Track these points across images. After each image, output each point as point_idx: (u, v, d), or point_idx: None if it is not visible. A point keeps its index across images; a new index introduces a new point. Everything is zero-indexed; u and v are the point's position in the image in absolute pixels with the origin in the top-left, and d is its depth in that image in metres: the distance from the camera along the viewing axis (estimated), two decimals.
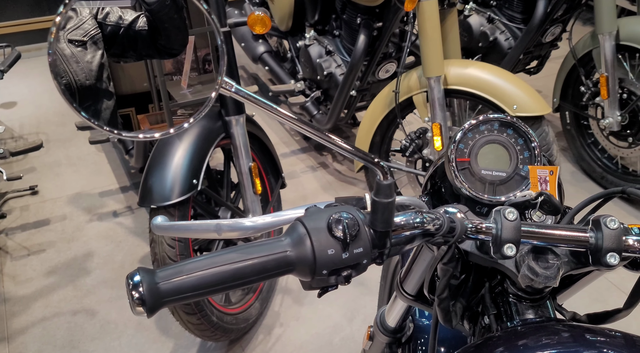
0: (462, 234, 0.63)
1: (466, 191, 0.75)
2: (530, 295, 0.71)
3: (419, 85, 1.96)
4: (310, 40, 2.44)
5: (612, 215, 0.64)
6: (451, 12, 2.03)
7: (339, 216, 0.50)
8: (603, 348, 0.64)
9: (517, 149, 0.75)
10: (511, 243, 0.63)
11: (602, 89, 2.20)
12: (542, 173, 0.74)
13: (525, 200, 0.70)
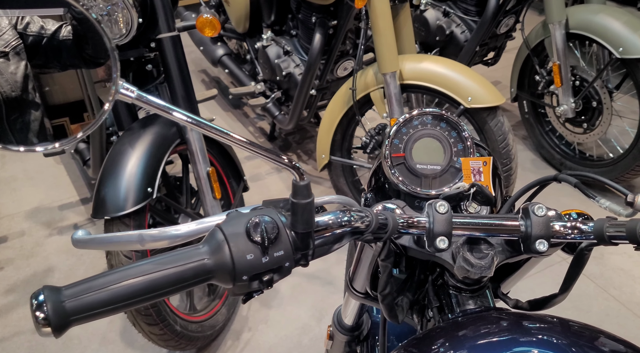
0: (394, 230, 0.63)
1: (401, 186, 0.75)
2: (469, 286, 0.72)
3: (375, 82, 1.97)
4: (268, 41, 2.43)
5: (540, 203, 0.65)
6: (404, 7, 2.04)
7: (258, 220, 0.49)
8: (538, 334, 0.65)
9: (451, 141, 0.76)
10: (443, 236, 0.63)
11: (556, 77, 2.25)
12: (475, 164, 0.74)
13: (459, 192, 0.71)
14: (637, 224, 0.59)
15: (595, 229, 0.62)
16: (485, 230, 0.65)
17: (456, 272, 0.68)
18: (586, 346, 0.63)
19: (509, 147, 1.87)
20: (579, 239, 0.64)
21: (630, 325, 1.78)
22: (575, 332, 0.67)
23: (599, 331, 0.66)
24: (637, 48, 2.00)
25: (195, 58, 3.44)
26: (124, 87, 0.49)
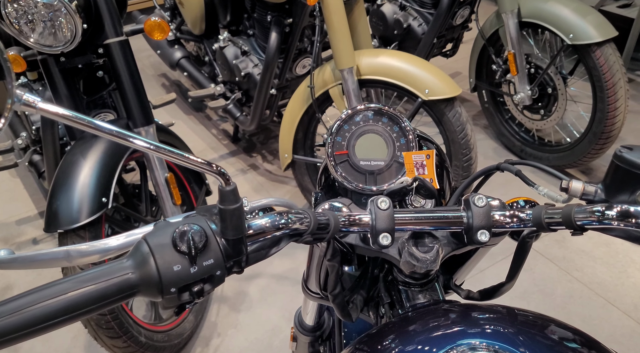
0: (336, 230, 0.63)
1: (346, 184, 0.74)
2: (418, 281, 0.72)
3: (333, 78, 1.96)
4: (225, 41, 2.40)
5: (481, 194, 0.65)
6: (357, 2, 2.03)
7: (184, 229, 0.48)
8: (486, 324, 0.65)
9: (394, 136, 0.76)
10: (386, 233, 0.63)
11: (511, 66, 2.28)
12: (418, 158, 0.74)
13: (403, 186, 0.71)
14: (572, 210, 0.60)
15: (534, 217, 0.63)
16: (428, 224, 0.65)
17: (402, 267, 0.68)
18: (533, 334, 0.63)
19: (468, 137, 1.89)
20: (519, 227, 0.64)
21: (592, 304, 1.82)
22: (522, 320, 0.67)
23: (547, 319, 0.67)
24: (586, 34, 2.05)
25: (155, 62, 3.38)
26: (24, 100, 0.46)
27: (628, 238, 0.59)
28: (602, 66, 2.04)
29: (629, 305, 1.81)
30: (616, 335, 1.71)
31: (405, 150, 0.75)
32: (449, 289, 0.82)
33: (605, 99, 2.07)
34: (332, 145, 0.74)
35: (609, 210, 0.58)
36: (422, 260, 0.66)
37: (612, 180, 0.59)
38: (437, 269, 0.73)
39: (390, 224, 0.63)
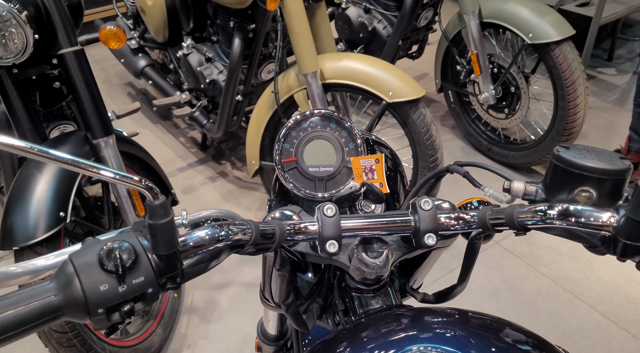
0: (282, 239, 0.62)
1: (295, 191, 0.74)
2: (370, 286, 0.71)
3: (298, 83, 1.95)
4: (189, 49, 2.37)
5: (427, 197, 0.64)
6: (319, 6, 2.03)
7: (112, 247, 0.46)
8: (436, 328, 0.64)
9: (342, 141, 0.75)
10: (333, 240, 0.62)
11: (475, 66, 2.31)
12: (366, 163, 0.74)
13: (351, 192, 0.70)
14: (514, 210, 0.60)
15: (479, 218, 0.63)
16: (377, 229, 0.65)
17: (352, 274, 0.67)
18: (484, 336, 0.63)
19: (433, 137, 1.91)
20: (466, 229, 0.64)
21: (560, 299, 1.85)
22: (474, 323, 0.67)
23: (499, 321, 0.67)
24: (545, 33, 2.09)
25: (120, 71, 3.33)
26: None
27: (569, 237, 0.59)
28: (562, 64, 2.08)
29: (594, 298, 1.84)
30: (583, 329, 1.74)
31: (354, 155, 0.75)
32: (405, 293, 0.82)
33: (565, 97, 2.11)
34: (279, 152, 0.73)
35: (550, 210, 0.58)
36: (372, 266, 0.65)
37: (552, 180, 0.60)
38: (389, 274, 0.73)
39: (336, 231, 0.62)
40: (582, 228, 0.57)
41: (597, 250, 0.58)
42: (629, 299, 1.83)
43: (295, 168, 0.74)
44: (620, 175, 0.56)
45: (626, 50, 3.33)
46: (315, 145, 0.75)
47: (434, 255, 0.79)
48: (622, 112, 2.77)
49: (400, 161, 0.92)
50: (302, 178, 0.74)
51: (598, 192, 0.57)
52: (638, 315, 1.78)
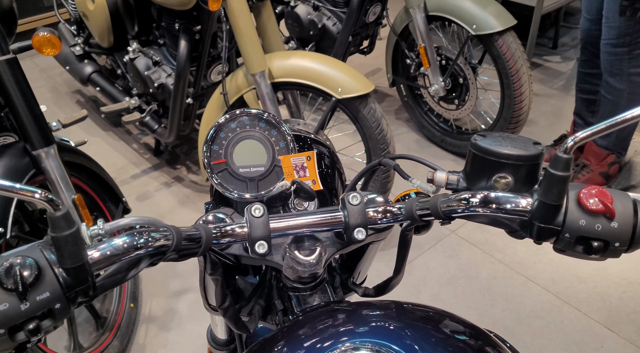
0: (209, 243, 0.61)
1: (226, 193, 0.73)
2: (306, 284, 0.71)
3: (246, 83, 1.94)
4: (135, 53, 2.32)
5: (356, 192, 0.64)
6: (264, 5, 2.02)
7: (11, 263, 0.44)
8: (372, 322, 0.65)
9: (272, 140, 0.74)
10: (262, 240, 0.62)
11: (423, 59, 2.34)
12: (297, 161, 0.73)
13: (282, 191, 0.70)
14: (438, 200, 0.61)
15: (406, 210, 0.63)
16: (308, 227, 0.64)
17: (286, 273, 0.67)
18: (420, 328, 0.64)
19: (384, 132, 1.92)
20: (395, 221, 0.65)
21: (515, 283, 1.89)
22: (410, 315, 0.67)
23: (436, 312, 0.67)
24: (488, 24, 2.13)
25: (68, 78, 3.22)
26: None
27: (491, 223, 0.61)
28: (505, 54, 2.13)
29: (547, 280, 1.89)
30: (537, 310, 1.79)
31: (285, 154, 0.74)
32: (347, 288, 0.82)
33: (511, 85, 2.17)
34: (208, 154, 0.72)
35: (473, 198, 0.59)
36: (305, 264, 0.65)
37: (471, 168, 0.61)
38: (325, 271, 0.73)
39: (265, 231, 0.62)
40: (502, 214, 0.58)
41: (517, 235, 0.59)
42: (579, 279, 1.89)
43: (226, 169, 0.73)
44: (534, 160, 0.57)
45: (570, 38, 3.44)
46: (245, 145, 0.74)
47: (372, 249, 0.79)
48: (567, 98, 2.85)
49: (338, 158, 0.92)
50: (233, 179, 0.73)
51: (515, 178, 0.58)
52: (588, 293, 1.84)
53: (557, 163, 0.53)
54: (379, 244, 0.79)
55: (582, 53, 2.23)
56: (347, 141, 2.43)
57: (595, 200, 0.52)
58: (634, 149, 2.30)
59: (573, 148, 0.52)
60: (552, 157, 0.54)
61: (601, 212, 0.51)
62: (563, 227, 0.53)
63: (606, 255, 0.53)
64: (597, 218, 0.52)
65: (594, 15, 2.05)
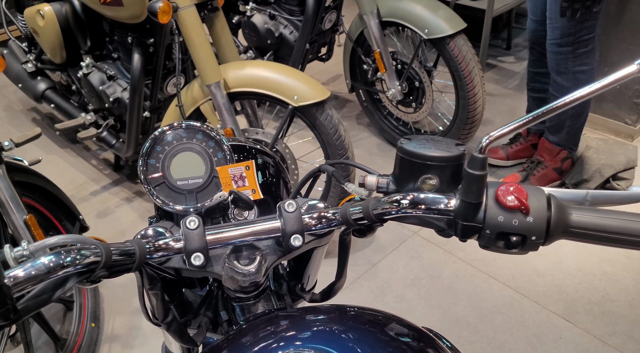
0: (143, 258, 0.60)
1: (164, 206, 0.72)
2: (249, 293, 0.71)
3: (202, 95, 1.93)
4: (89, 68, 2.29)
5: (291, 200, 0.65)
6: (217, 16, 2.02)
7: None
8: (314, 326, 0.65)
9: (210, 152, 0.75)
10: (198, 252, 0.62)
11: (379, 64, 2.38)
12: (235, 171, 0.74)
13: (220, 201, 0.70)
14: (369, 203, 0.62)
15: (341, 215, 0.64)
16: (246, 236, 0.65)
17: (225, 284, 0.67)
18: (361, 330, 0.64)
19: (342, 137, 1.94)
20: (332, 227, 0.66)
21: (476, 280, 1.93)
22: (352, 319, 0.68)
23: (380, 314, 0.68)
24: (439, 28, 2.18)
25: (23, 96, 3.14)
26: None
27: (421, 224, 0.62)
28: (457, 56, 2.18)
29: (507, 276, 1.94)
30: (498, 306, 1.83)
31: (223, 165, 0.74)
32: (295, 294, 0.82)
33: (464, 87, 2.22)
34: (145, 169, 0.72)
35: (402, 200, 0.61)
36: (245, 274, 0.65)
37: (400, 171, 0.62)
38: (266, 279, 0.73)
39: (201, 243, 0.62)
40: (429, 214, 0.59)
41: (444, 233, 0.61)
42: (537, 273, 1.94)
43: (164, 183, 0.73)
44: (457, 160, 0.59)
45: (522, 39, 3.54)
46: (182, 157, 0.74)
47: (317, 254, 0.80)
48: (522, 97, 2.93)
49: (283, 168, 0.92)
50: (171, 192, 0.73)
51: (440, 179, 0.60)
52: (546, 286, 1.89)
53: (474, 163, 0.54)
54: (323, 249, 0.80)
55: (530, 53, 2.30)
56: (309, 147, 2.45)
57: (511, 197, 0.54)
58: (585, 144, 2.38)
59: (487, 147, 0.54)
60: (469, 156, 0.56)
61: (517, 208, 0.53)
62: (484, 224, 0.55)
63: (525, 249, 0.55)
64: (514, 214, 0.54)
65: (539, 17, 2.12)
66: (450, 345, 0.69)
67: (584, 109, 2.16)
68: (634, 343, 1.68)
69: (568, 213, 0.54)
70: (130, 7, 1.91)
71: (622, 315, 1.77)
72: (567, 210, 0.54)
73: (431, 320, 1.79)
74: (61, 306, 1.83)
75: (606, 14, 2.34)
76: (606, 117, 2.62)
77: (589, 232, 0.53)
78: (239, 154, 0.89)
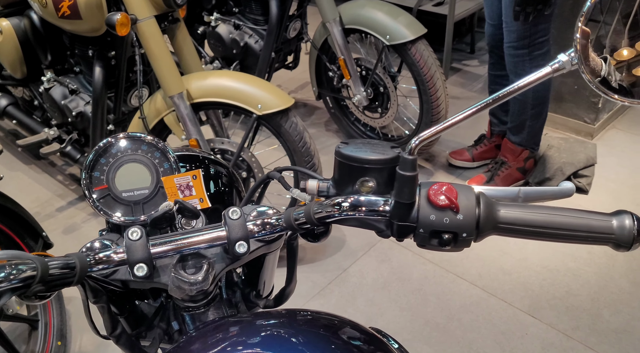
0: (84, 271, 0.60)
1: (109, 219, 0.72)
2: (198, 302, 0.71)
3: (166, 106, 1.92)
4: (50, 82, 2.26)
5: (236, 208, 0.66)
6: (179, 27, 2.02)
7: None
8: (263, 330, 0.65)
9: (156, 162, 0.75)
10: (141, 263, 0.62)
11: (344, 71, 2.40)
12: (182, 181, 0.74)
13: (166, 211, 0.70)
14: (311, 208, 0.63)
15: (285, 220, 0.65)
16: (191, 245, 0.65)
17: (172, 293, 0.67)
18: (310, 333, 0.65)
19: (308, 144, 1.95)
20: (277, 232, 0.66)
21: (445, 281, 1.96)
22: (302, 322, 0.69)
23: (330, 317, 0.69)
24: (400, 34, 2.22)
25: None
26: None
27: (361, 226, 0.63)
28: (419, 61, 2.22)
29: (474, 275, 1.97)
30: (466, 305, 1.85)
31: (169, 175, 0.75)
32: (250, 301, 0.82)
33: (427, 91, 2.25)
34: (88, 182, 0.72)
35: (343, 203, 0.62)
36: (191, 282, 0.65)
37: (339, 175, 0.64)
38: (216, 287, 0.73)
39: (144, 254, 0.62)
40: (368, 216, 0.61)
41: (383, 234, 0.62)
42: (504, 271, 1.98)
43: (108, 195, 0.72)
44: (392, 162, 0.61)
45: (485, 43, 3.61)
46: (128, 169, 0.73)
47: (269, 260, 0.81)
48: None
49: (237, 177, 0.93)
50: (116, 204, 0.72)
51: (377, 181, 0.61)
52: (512, 284, 1.93)
53: (404, 164, 0.56)
54: (275, 255, 0.80)
55: (490, 56, 2.35)
56: (278, 154, 2.45)
57: (442, 197, 0.55)
58: (546, 143, 2.44)
59: (416, 149, 0.56)
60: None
61: (447, 207, 0.55)
62: (417, 223, 0.56)
63: (458, 246, 0.56)
64: (445, 212, 0.55)
65: (496, 21, 2.18)
66: (398, 345, 0.71)
67: (542, 110, 2.21)
68: (597, 335, 1.72)
69: (496, 210, 0.55)
70: (89, 20, 1.90)
71: (584, 309, 1.81)
72: (495, 206, 0.56)
73: (401, 322, 1.80)
74: (26, 326, 1.79)
75: (560, 16, 2.41)
76: (566, 116, 2.69)
77: (517, 227, 0.55)
78: (191, 164, 0.89)
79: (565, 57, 0.59)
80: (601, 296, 1.86)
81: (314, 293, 1.93)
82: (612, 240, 0.53)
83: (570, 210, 0.55)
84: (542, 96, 2.17)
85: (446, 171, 2.54)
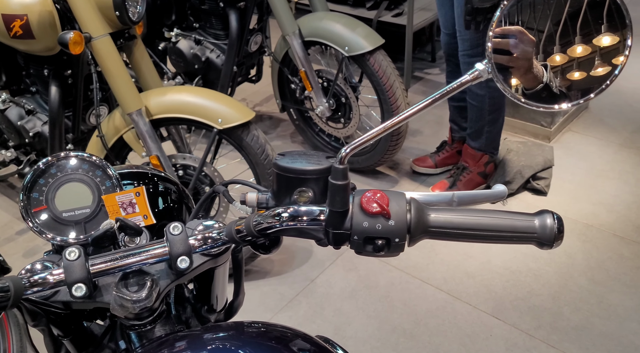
0: (19, 294, 0.59)
1: (49, 240, 0.71)
2: (145, 319, 0.70)
3: (124, 124, 1.90)
4: (5, 103, 2.21)
5: (177, 222, 0.66)
6: (135, 43, 2.00)
7: None
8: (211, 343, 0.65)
9: (97, 181, 0.74)
10: (79, 283, 0.61)
11: (306, 83, 2.42)
12: (124, 198, 0.73)
13: (107, 229, 0.69)
14: (250, 220, 0.63)
15: (226, 233, 0.65)
16: (133, 263, 0.65)
17: (114, 312, 0.66)
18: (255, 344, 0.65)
19: (270, 157, 1.95)
20: (218, 246, 0.66)
21: (411, 287, 1.97)
22: (249, 333, 0.69)
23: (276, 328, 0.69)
24: (359, 45, 2.25)
25: None
26: None
27: (301, 235, 0.64)
28: (378, 71, 2.26)
29: (439, 280, 1.99)
30: (432, 310, 1.87)
31: (111, 193, 0.74)
32: (201, 316, 0.82)
33: (387, 100, 2.29)
34: (27, 203, 0.71)
35: (282, 213, 0.62)
36: (133, 300, 0.65)
37: (277, 186, 0.64)
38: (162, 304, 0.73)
39: (82, 273, 0.61)
40: (305, 225, 0.61)
41: (322, 243, 0.63)
42: (468, 274, 2.01)
43: (49, 216, 0.71)
44: (327, 173, 0.62)
45: None
46: (68, 188, 0.73)
47: (219, 274, 0.80)
48: (448, 107, 3.05)
49: (187, 194, 0.93)
50: (57, 225, 0.71)
51: (314, 191, 0.62)
52: (476, 287, 1.96)
53: (336, 173, 0.57)
54: (224, 268, 0.80)
55: (447, 65, 2.41)
56: (242, 168, 2.45)
57: (374, 204, 0.56)
58: (506, 147, 2.50)
59: (346, 158, 0.57)
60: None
61: (379, 213, 0.56)
62: (351, 231, 0.57)
63: (392, 251, 0.58)
64: (377, 219, 0.56)
65: (450, 30, 2.23)
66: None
67: (499, 116, 2.27)
68: (558, 333, 1.76)
69: (427, 214, 0.57)
70: (42, 39, 1.87)
71: (546, 308, 1.85)
72: (426, 211, 0.57)
73: (369, 330, 1.81)
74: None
75: None
76: (524, 120, 2.77)
77: (447, 230, 0.57)
78: (139, 181, 0.89)
79: (482, 66, 0.61)
80: (561, 295, 1.91)
81: (282, 305, 1.92)
82: (534, 239, 0.55)
83: (497, 212, 0.57)
84: (498, 103, 2.23)
85: (410, 178, 2.58)
